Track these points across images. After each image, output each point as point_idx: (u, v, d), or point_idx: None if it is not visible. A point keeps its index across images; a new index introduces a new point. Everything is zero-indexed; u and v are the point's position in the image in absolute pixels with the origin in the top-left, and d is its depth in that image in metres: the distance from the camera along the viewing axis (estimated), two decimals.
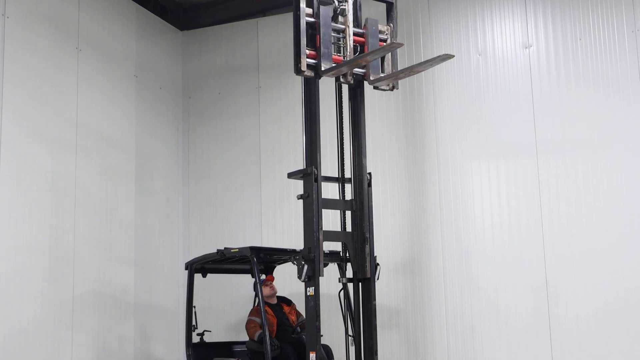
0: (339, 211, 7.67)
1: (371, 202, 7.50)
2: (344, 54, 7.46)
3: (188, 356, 8.87)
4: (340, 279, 7.61)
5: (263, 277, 8.88)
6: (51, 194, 8.62)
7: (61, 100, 8.92)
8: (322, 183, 7.28)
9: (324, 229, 7.08)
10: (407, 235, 9.61)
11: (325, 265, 7.32)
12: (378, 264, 7.53)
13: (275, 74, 10.82)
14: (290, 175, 7.78)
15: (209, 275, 9.27)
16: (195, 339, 9.00)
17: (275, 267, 9.36)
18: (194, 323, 8.94)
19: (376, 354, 7.29)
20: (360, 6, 7.80)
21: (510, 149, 9.30)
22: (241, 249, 8.17)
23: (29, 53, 8.46)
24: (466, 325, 9.19)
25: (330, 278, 7.68)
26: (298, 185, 7.42)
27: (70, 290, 8.73)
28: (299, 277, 7.17)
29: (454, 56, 6.99)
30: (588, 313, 8.66)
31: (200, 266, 9.05)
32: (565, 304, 8.77)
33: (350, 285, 7.58)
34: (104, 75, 9.75)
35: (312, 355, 7.03)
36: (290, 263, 8.88)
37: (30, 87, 8.42)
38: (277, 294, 8.74)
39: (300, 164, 7.37)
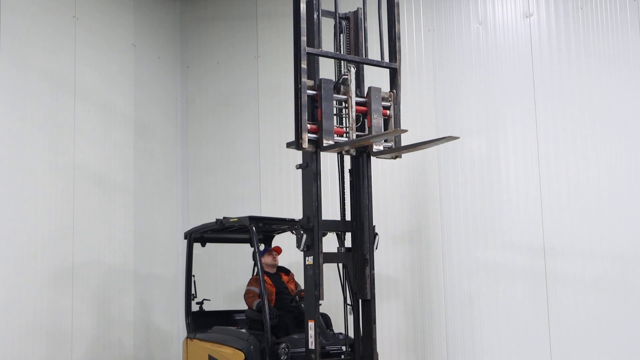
0: (337, 186, 7.67)
1: (371, 219, 7.46)
2: (346, 124, 7.35)
3: (187, 325, 8.93)
4: (339, 248, 7.62)
5: (262, 246, 8.91)
6: (49, 164, 8.61)
7: (58, 69, 8.87)
8: (321, 153, 7.27)
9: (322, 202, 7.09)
10: (406, 205, 9.62)
11: (324, 234, 7.33)
12: (377, 234, 7.55)
13: (274, 43, 10.75)
14: (289, 144, 7.76)
15: (208, 244, 9.31)
16: (195, 307, 9.06)
17: (274, 236, 9.38)
18: (193, 292, 8.98)
19: (374, 322, 7.34)
20: (363, 73, 7.67)
21: (509, 118, 9.28)
22: (240, 219, 8.18)
23: (25, 22, 8.40)
24: (464, 294, 9.24)
25: (330, 247, 7.70)
26: (297, 155, 7.42)
27: (70, 259, 8.76)
28: (298, 246, 7.20)
29: (459, 137, 7.26)
30: (585, 280, 8.70)
31: (199, 235, 9.07)
32: (563, 272, 8.81)
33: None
34: (102, 44, 9.69)
35: (311, 324, 7.07)
36: (289, 232, 8.91)
37: (26, 55, 8.37)
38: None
39: None
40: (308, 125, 7.02)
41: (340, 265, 7.80)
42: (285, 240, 9.16)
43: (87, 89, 9.28)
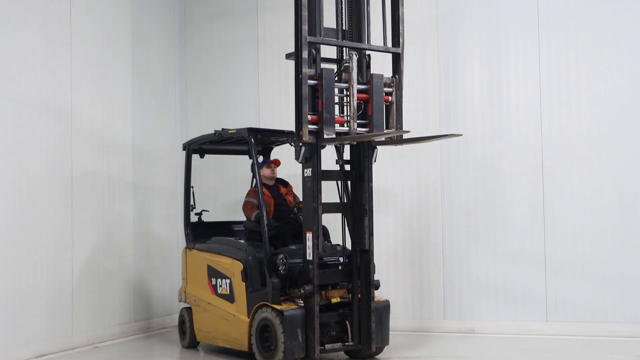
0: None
1: (370, 166, 7.44)
2: (347, 113, 7.15)
3: (186, 235, 9.02)
4: (338, 160, 7.62)
5: (261, 158, 8.90)
6: (46, 79, 8.50)
7: None
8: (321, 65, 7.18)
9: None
10: (405, 123, 9.57)
11: (323, 147, 7.31)
12: (375, 147, 7.53)
13: None
14: (289, 56, 7.65)
15: (206, 156, 9.30)
16: (194, 218, 9.13)
17: (272, 148, 9.37)
18: (192, 203, 9.04)
19: (372, 234, 7.41)
20: (365, 59, 7.42)
21: (512, 34, 9.15)
22: (239, 130, 8.15)
23: None
24: (461, 208, 9.30)
25: (328, 159, 7.69)
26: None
27: (69, 170, 8.75)
28: (297, 158, 7.19)
29: (461, 135, 7.64)
30: (583, 197, 8.77)
31: (198, 147, 9.06)
32: (561, 188, 8.86)
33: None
34: None
35: (309, 235, 7.14)
36: (287, 144, 8.89)
37: None
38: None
39: None
40: (309, 117, 6.90)
41: (339, 183, 7.81)
42: (284, 152, 9.16)
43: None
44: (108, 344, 9.09)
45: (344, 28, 7.45)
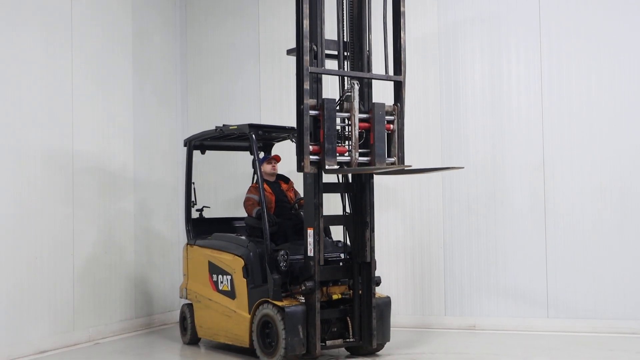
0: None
1: (372, 179, 7.43)
2: (349, 143, 7.12)
3: (187, 231, 9.01)
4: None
5: (262, 154, 8.89)
6: (47, 70, 8.49)
7: None
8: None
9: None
10: (406, 118, 9.56)
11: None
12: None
13: None
14: (289, 52, 7.64)
15: (207, 152, 9.29)
16: (195, 214, 9.12)
17: (273, 144, 9.36)
18: (193, 199, 9.03)
19: (372, 230, 7.40)
20: (367, 88, 7.41)
21: (513, 25, 9.14)
22: (240, 126, 8.14)
23: None
24: (462, 204, 9.29)
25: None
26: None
27: (70, 165, 8.75)
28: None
29: (463, 167, 7.60)
30: (584, 193, 8.76)
31: (199, 143, 9.05)
32: (562, 184, 8.85)
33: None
34: None
35: (310, 231, 7.13)
36: (288, 141, 8.89)
37: None
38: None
39: None
40: (310, 147, 6.87)
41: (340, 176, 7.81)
42: (285, 149, 9.15)
43: None
44: (109, 340, 9.10)
45: (345, 54, 7.42)
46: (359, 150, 7.13)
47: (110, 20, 9.63)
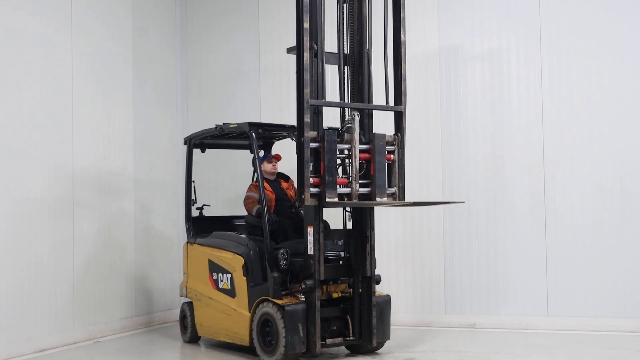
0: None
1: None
2: (349, 174, 7.11)
3: (187, 230, 9.01)
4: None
5: (262, 153, 8.89)
6: (47, 69, 8.48)
7: None
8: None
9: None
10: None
11: None
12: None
13: None
14: (290, 50, 7.64)
15: (207, 150, 9.29)
16: (195, 213, 9.12)
17: (273, 142, 9.36)
18: (193, 197, 9.03)
19: (372, 229, 7.40)
20: (368, 119, 7.40)
21: (512, 25, 9.13)
22: (240, 125, 8.14)
23: None
24: (462, 204, 9.28)
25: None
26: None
27: (70, 165, 8.75)
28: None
29: (464, 202, 7.51)
30: (584, 192, 8.75)
31: (199, 141, 9.04)
32: (562, 183, 8.85)
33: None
34: None
35: (310, 230, 7.13)
36: (288, 139, 8.88)
37: None
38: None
39: None
40: (311, 179, 6.86)
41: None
42: (285, 147, 9.15)
43: None
44: (109, 338, 9.10)
45: (346, 88, 7.44)
46: (360, 182, 7.12)
47: (111, 19, 9.63)
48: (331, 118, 7.94)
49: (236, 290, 7.85)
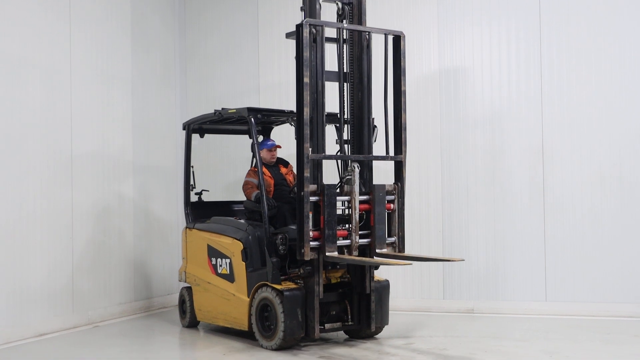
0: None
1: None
2: (349, 226, 7.09)
3: (186, 215, 9.01)
4: (337, 140, 7.60)
5: (261, 138, 8.88)
6: (46, 55, 8.46)
7: None
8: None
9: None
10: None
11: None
12: (375, 127, 7.52)
13: None
14: (289, 35, 7.60)
15: (206, 135, 9.27)
16: (194, 198, 9.12)
17: (272, 128, 9.34)
18: (192, 183, 9.03)
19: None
20: (367, 170, 7.42)
21: (513, 7, 9.11)
22: (239, 110, 8.12)
23: None
24: (461, 189, 9.29)
25: (329, 141, 7.68)
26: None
27: (69, 150, 8.74)
28: (297, 137, 7.16)
29: (463, 260, 7.37)
30: (583, 178, 8.76)
31: (198, 127, 9.03)
32: (561, 169, 8.85)
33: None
34: None
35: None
36: (287, 124, 8.87)
37: None
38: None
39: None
40: (310, 233, 6.84)
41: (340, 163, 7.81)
42: (283, 132, 9.14)
43: None
44: (108, 323, 9.12)
45: (347, 138, 7.48)
46: (359, 232, 7.12)
47: (109, 2, 9.58)
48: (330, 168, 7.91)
49: (235, 275, 7.86)
